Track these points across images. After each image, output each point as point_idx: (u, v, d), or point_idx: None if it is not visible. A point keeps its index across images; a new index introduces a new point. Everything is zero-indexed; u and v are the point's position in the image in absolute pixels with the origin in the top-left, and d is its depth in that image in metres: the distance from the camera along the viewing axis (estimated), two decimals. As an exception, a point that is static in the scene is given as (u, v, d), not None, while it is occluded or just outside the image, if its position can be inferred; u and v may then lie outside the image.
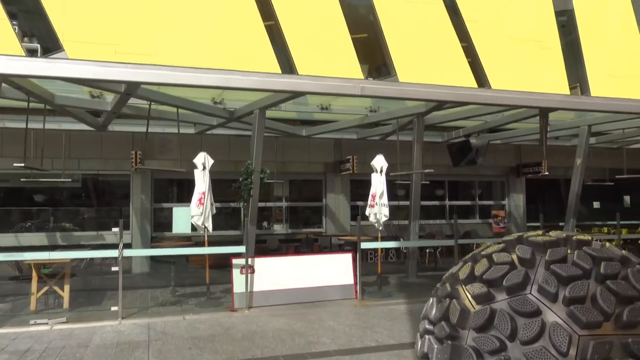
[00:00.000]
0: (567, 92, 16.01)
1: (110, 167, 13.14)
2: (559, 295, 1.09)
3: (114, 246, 8.09)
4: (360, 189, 14.77)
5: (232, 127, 12.17)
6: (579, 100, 10.97)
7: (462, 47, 15.61)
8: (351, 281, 9.13)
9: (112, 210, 13.89)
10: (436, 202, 16.84)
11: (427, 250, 13.64)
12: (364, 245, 9.71)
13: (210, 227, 8.83)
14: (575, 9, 16.88)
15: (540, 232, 1.30)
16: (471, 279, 1.26)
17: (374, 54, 15.82)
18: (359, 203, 15.07)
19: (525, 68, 16.08)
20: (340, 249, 13.29)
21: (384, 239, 12.33)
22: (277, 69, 9.26)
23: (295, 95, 8.89)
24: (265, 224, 15.25)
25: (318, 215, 15.65)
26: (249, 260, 8.46)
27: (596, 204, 18.00)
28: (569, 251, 1.17)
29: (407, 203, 12.47)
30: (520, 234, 1.31)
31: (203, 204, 8.54)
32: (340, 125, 12.77)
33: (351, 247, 11.66)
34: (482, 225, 16.93)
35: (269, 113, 10.97)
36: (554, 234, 1.25)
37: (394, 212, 15.38)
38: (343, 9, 13.85)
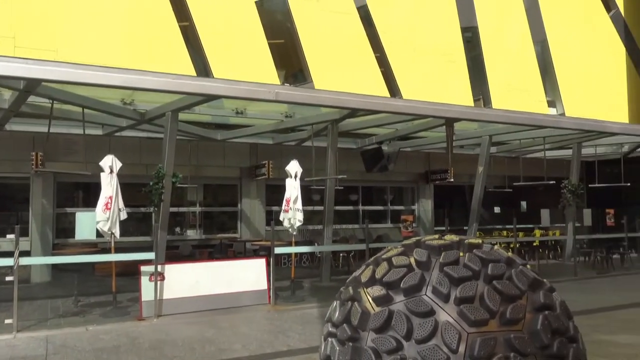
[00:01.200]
0: (471, 103, 17.03)
1: (7, 169, 12.17)
2: (451, 296, 1.15)
3: (9, 254, 7.50)
4: (276, 194, 14.77)
5: (143, 130, 11.73)
6: (481, 112, 11.71)
7: (376, 57, 16.16)
8: (265, 286, 9.09)
9: (10, 215, 12.89)
10: (350, 207, 17.20)
11: (341, 255, 13.88)
12: (278, 250, 9.71)
13: (117, 233, 8.43)
14: (479, 26, 18.03)
15: (436, 236, 1.37)
16: (372, 282, 1.30)
17: (290, 61, 15.93)
18: (275, 208, 15.06)
19: (434, 80, 16.92)
20: (255, 254, 13.18)
21: (298, 243, 12.40)
22: (191, 71, 9.07)
23: (209, 98, 8.74)
24: (178, 229, 14.82)
25: (233, 221, 15.45)
26: (159, 267, 8.17)
27: (497, 209, 19.19)
28: (461, 254, 1.24)
29: (321, 208, 12.63)
30: (419, 237, 1.37)
31: (110, 209, 8.14)
32: (255, 129, 12.71)
33: (266, 252, 11.61)
34: (393, 229, 17.49)
35: (183, 116, 10.69)
36: (448, 238, 1.32)
37: (310, 217, 15.54)
38: (260, 14, 13.84)
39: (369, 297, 1.35)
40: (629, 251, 14.67)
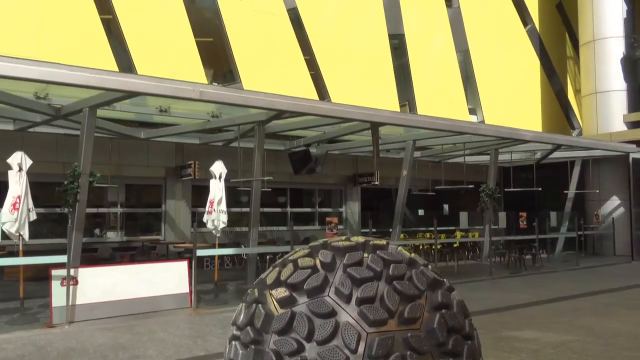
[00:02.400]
0: (397, 109, 17.54)
1: None
2: (353, 296, 1.15)
3: None
4: (202, 195, 14.46)
5: (60, 126, 11.11)
6: (405, 117, 12.06)
7: (306, 60, 16.27)
8: (186, 290, 8.86)
9: None
10: (278, 209, 17.16)
11: (268, 257, 13.81)
12: (201, 252, 9.51)
13: (26, 235, 7.91)
14: (406, 33, 18.60)
15: (343, 237, 1.37)
16: (277, 284, 1.28)
17: (219, 60, 15.70)
18: (201, 209, 14.76)
19: (362, 84, 17.27)
20: (179, 256, 12.83)
21: (223, 246, 12.20)
22: (114, 66, 8.69)
23: (130, 95, 8.41)
24: (97, 231, 14.15)
25: (157, 222, 14.96)
26: (72, 270, 7.75)
27: (421, 212, 19.83)
28: (365, 255, 1.24)
29: (248, 210, 12.51)
30: (326, 239, 1.37)
31: (18, 209, 7.62)
32: (181, 129, 12.40)
33: (190, 254, 11.34)
34: (321, 231, 17.64)
35: (103, 112, 10.23)
36: (354, 240, 1.33)
37: (238, 218, 15.37)
38: (188, 11, 13.54)
39: (273, 299, 1.33)
40: (539, 252, 15.63)
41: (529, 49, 21.75)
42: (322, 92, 16.27)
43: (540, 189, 17.30)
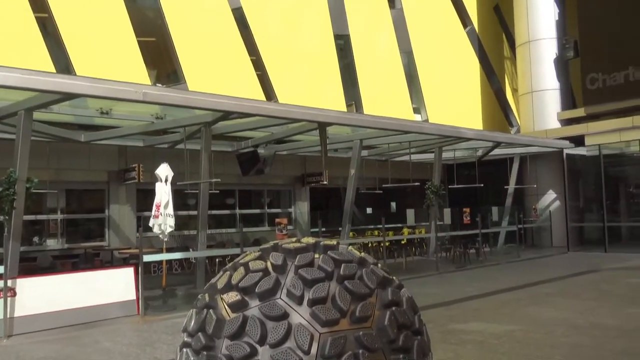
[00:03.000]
0: (344, 109, 17.71)
1: None
2: (304, 298, 1.16)
3: None
4: (148, 199, 14.09)
5: (-7, 130, 10.55)
6: (352, 117, 12.19)
7: (252, 60, 16.16)
8: (133, 296, 8.61)
9: None
10: (227, 211, 16.96)
11: (218, 260, 13.62)
12: (147, 258, 9.27)
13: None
14: (351, 34, 18.81)
15: (294, 239, 1.37)
16: (228, 288, 1.26)
17: (162, 60, 15.35)
18: (146, 213, 14.38)
19: (309, 85, 17.32)
20: (125, 262, 12.45)
21: (171, 250, 11.95)
22: (50, 67, 8.33)
23: (68, 97, 8.08)
24: (36, 239, 13.52)
25: (100, 228, 14.46)
26: (9, 281, 7.37)
27: (369, 210, 20.10)
28: (316, 256, 1.25)
29: (196, 212, 12.30)
30: (277, 241, 1.37)
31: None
32: (124, 131, 12.04)
33: (136, 260, 11.03)
34: (271, 232, 17.57)
35: (40, 115, 9.79)
36: (305, 241, 1.33)
37: (186, 221, 15.07)
38: (128, 9, 13.15)
39: (224, 303, 1.32)
40: (483, 246, 16.19)
41: (469, 49, 22.48)
42: (269, 92, 16.21)
43: (482, 185, 17.92)
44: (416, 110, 20.50)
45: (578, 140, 18.11)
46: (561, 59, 19.73)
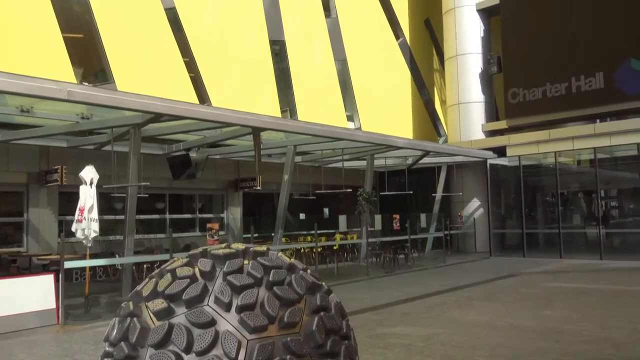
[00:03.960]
0: (279, 114, 17.71)
1: None
2: (233, 304, 1.15)
3: None
4: (71, 202, 13.43)
5: None
6: (285, 123, 12.22)
7: (185, 62, 15.83)
8: (53, 305, 8.16)
9: None
10: (156, 216, 16.47)
11: (145, 266, 13.16)
12: (69, 264, 8.83)
13: None
14: (287, 40, 18.87)
15: (223, 245, 1.36)
16: (154, 295, 1.24)
17: (90, 58, 14.72)
18: (69, 218, 13.69)
19: (243, 89, 17.19)
20: (44, 269, 11.77)
21: (95, 256, 11.44)
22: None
23: (-16, 92, 7.58)
24: (-57, 245, 12.53)
25: (18, 233, 13.60)
26: None
27: (302, 216, 20.16)
28: (245, 262, 1.25)
29: (123, 217, 11.86)
30: (206, 247, 1.36)
31: None
32: (46, 131, 11.42)
33: (57, 267, 10.46)
34: (202, 238, 17.22)
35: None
36: (234, 247, 1.33)
37: (112, 226, 14.46)
38: (53, 3, 12.53)
39: (149, 311, 1.28)
40: (411, 251, 16.66)
41: (401, 60, 23.16)
42: (202, 95, 15.93)
43: (411, 192, 18.47)
44: (350, 118, 20.84)
45: (501, 151, 19.08)
46: (486, 74, 20.75)
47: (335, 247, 16.26)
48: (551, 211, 21.51)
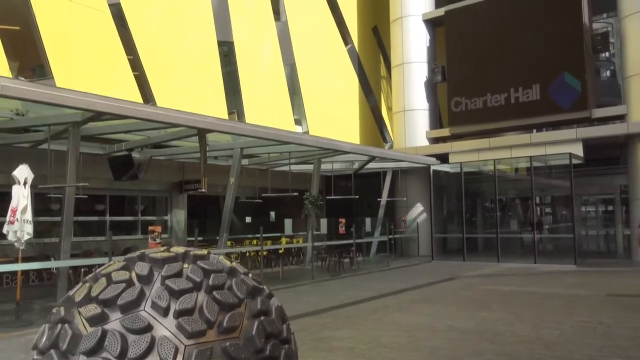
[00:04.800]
0: (226, 116, 17.50)
1: None
2: (170, 309, 1.12)
3: None
4: (2, 203, 12.74)
5: None
6: (232, 125, 12.09)
7: (129, 60, 15.40)
8: (-19, 312, 7.71)
9: None
10: (96, 218, 15.89)
11: (83, 270, 12.65)
12: None
13: None
14: (235, 42, 18.71)
15: (162, 248, 1.33)
16: (87, 300, 1.19)
17: (27, 52, 14.05)
18: (1, 219, 12.98)
19: (190, 89, 16.90)
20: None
21: (28, 259, 10.91)
22: None
23: None
24: None
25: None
26: None
27: (248, 219, 20.01)
28: (185, 266, 1.22)
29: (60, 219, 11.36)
30: (143, 251, 1.32)
31: None
32: (-24, 127, 10.80)
33: (-15, 271, 9.88)
34: (144, 240, 16.75)
35: None
36: (174, 250, 1.30)
37: (48, 228, 13.81)
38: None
39: (82, 317, 1.23)
40: (356, 255, 16.85)
41: (349, 66, 23.44)
42: (146, 94, 15.54)
43: (357, 196, 18.70)
44: (297, 122, 20.88)
45: (444, 158, 19.64)
46: (431, 82, 21.33)
47: (280, 251, 16.22)
48: (490, 216, 22.33)
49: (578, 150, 16.69)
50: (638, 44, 16.48)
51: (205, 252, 1.47)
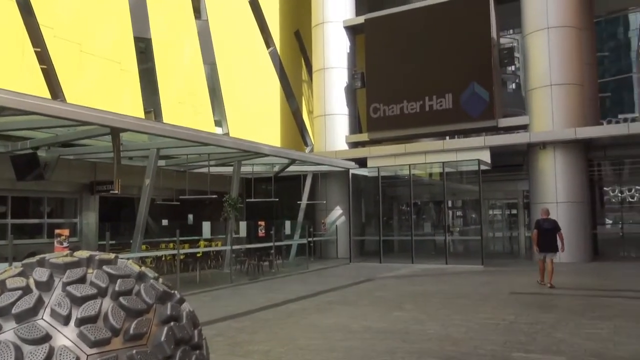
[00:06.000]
0: (142, 115, 16.88)
1: None
2: (72, 317, 1.07)
3: None
4: None
5: None
6: (148, 125, 11.68)
7: (36, 52, 14.44)
8: None
9: None
10: (-5, 220, 14.77)
11: (-22, 277, 11.69)
12: None
13: None
14: (153, 39, 18.11)
15: (64, 253, 1.27)
16: (-22, 310, 1.11)
17: None
18: None
19: (104, 86, 16.13)
20: None
21: None
22: None
23: None
24: None
25: None
26: None
27: (165, 222, 19.40)
28: (90, 271, 1.17)
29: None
30: (43, 255, 1.25)
31: None
32: None
33: None
34: (50, 245, 15.75)
35: None
36: (77, 254, 1.24)
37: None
38: None
39: (-28, 328, 1.15)
40: (276, 258, 16.84)
41: (271, 69, 23.42)
42: (55, 89, 14.65)
43: (277, 199, 18.70)
44: (217, 123, 20.55)
45: (362, 162, 20.12)
46: (351, 88, 21.78)
47: (198, 255, 15.87)
48: (406, 219, 23.16)
49: (486, 157, 17.72)
50: (540, 59, 17.78)
51: (112, 256, 1.42)
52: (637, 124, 19.73)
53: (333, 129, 21.58)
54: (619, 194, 21.93)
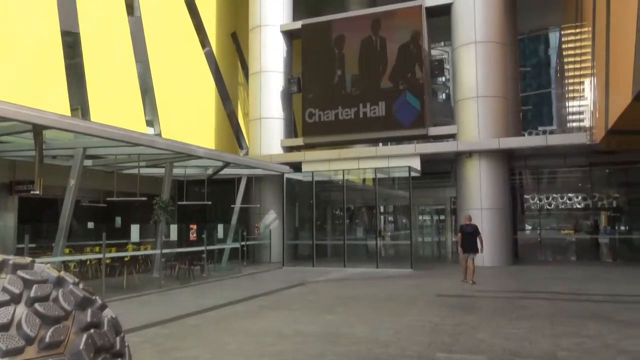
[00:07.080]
0: (68, 112, 16.14)
1: None
2: (-20, 326, 1.03)
3: None
4: None
5: None
6: (74, 123, 11.19)
7: (-50, 41, 13.48)
8: None
9: None
10: None
11: None
12: None
13: None
14: (82, 33, 17.37)
15: (-24, 258, 1.22)
16: None
17: None
18: None
19: (26, 80, 15.29)
20: None
21: None
22: None
23: None
24: None
25: None
26: None
27: (91, 224, 18.60)
28: (2, 276, 1.13)
29: None
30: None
31: None
32: None
33: None
34: (-40, 248, 14.71)
35: None
36: (-10, 259, 1.19)
37: None
38: None
39: None
40: (207, 262, 16.55)
41: (207, 70, 23.06)
42: (-29, 82, 13.72)
43: (210, 202, 18.40)
44: (149, 123, 19.98)
45: (297, 167, 20.20)
46: (287, 92, 21.84)
47: (126, 259, 15.32)
48: (339, 224, 23.45)
49: (416, 164, 18.30)
50: (467, 71, 18.60)
51: (28, 260, 1.38)
52: (555, 136, 21.07)
53: (268, 132, 21.53)
54: (538, 202, 23.31)
